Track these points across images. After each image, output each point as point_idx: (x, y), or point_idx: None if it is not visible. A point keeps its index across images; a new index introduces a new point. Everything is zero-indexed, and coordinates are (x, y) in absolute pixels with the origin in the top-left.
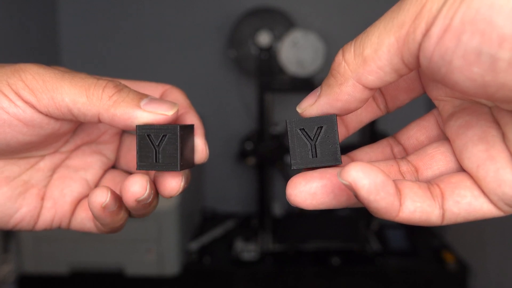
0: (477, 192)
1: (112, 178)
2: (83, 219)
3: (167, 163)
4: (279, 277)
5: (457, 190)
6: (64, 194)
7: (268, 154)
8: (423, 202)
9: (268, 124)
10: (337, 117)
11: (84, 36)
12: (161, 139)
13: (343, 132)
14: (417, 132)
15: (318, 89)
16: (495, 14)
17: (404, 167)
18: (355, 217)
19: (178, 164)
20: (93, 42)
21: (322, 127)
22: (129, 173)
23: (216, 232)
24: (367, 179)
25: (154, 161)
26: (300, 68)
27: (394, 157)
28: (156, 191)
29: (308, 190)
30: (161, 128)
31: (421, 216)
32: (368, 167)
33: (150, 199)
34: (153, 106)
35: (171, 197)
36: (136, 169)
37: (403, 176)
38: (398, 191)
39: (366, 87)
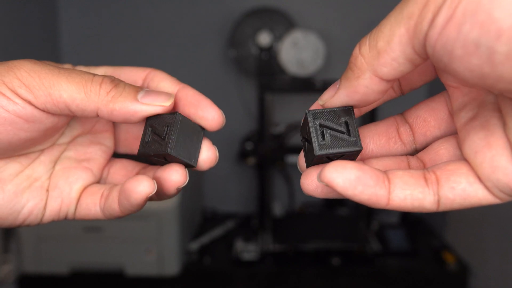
0: (472, 178)
1: (123, 167)
2: (89, 204)
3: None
4: (279, 277)
5: (452, 177)
6: (70, 182)
7: (268, 154)
8: (414, 189)
9: (268, 124)
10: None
11: (84, 35)
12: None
13: (356, 113)
14: (425, 113)
15: (338, 81)
16: (495, 7)
17: (413, 162)
18: (355, 217)
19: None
20: (93, 42)
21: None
22: (134, 158)
23: (216, 232)
24: (340, 177)
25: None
26: (300, 68)
27: (399, 136)
28: None
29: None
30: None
31: (413, 203)
32: (342, 165)
33: None
34: (150, 99)
35: (210, 168)
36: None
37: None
38: (387, 180)
39: (382, 79)
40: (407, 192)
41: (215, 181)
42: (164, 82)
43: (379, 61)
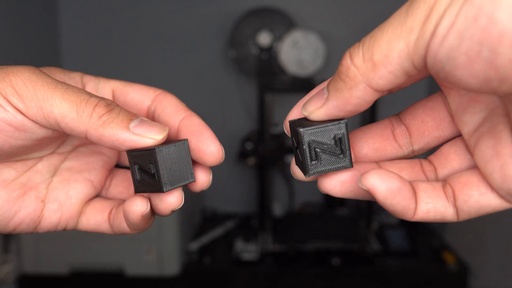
0: (484, 189)
1: (126, 178)
2: (98, 221)
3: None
4: (279, 277)
5: (464, 190)
6: (70, 196)
7: (268, 154)
8: (436, 202)
9: (268, 124)
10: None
11: (85, 36)
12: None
13: None
14: (423, 113)
15: (324, 91)
16: (496, 9)
17: (426, 166)
18: (355, 217)
19: (163, 186)
20: (93, 42)
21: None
22: None
23: (216, 232)
24: (384, 185)
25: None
26: (300, 68)
27: (394, 138)
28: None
29: (339, 178)
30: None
31: (435, 216)
32: (386, 174)
33: None
34: (142, 129)
35: (202, 190)
36: (135, 192)
37: (425, 174)
38: (414, 193)
39: (376, 90)
40: (430, 206)
41: (215, 181)
42: (170, 108)
43: (375, 73)
